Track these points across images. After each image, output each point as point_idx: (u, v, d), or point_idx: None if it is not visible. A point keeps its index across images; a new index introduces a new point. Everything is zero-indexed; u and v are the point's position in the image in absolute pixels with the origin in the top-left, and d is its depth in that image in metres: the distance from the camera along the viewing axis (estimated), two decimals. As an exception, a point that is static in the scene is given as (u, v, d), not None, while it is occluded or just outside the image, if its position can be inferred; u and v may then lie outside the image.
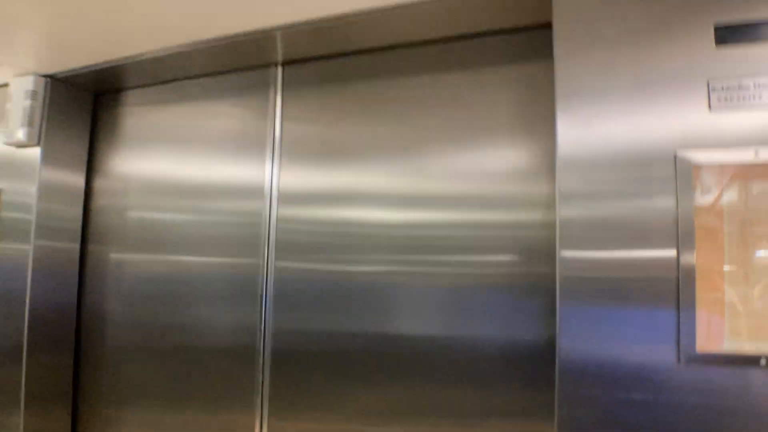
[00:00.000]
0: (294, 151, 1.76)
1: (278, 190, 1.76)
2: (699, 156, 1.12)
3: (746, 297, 1.07)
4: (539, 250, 1.44)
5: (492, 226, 1.50)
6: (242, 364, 1.75)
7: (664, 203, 1.14)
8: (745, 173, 1.10)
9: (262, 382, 1.71)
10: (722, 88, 1.12)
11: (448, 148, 1.57)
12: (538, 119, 1.47)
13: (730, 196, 1.10)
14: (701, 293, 1.10)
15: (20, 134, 1.81)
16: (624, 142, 1.18)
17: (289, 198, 1.75)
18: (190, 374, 1.84)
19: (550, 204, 1.44)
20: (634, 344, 1.14)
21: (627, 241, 1.16)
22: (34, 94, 1.83)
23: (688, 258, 1.11)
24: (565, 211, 1.20)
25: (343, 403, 1.61)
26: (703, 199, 1.12)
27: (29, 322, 1.86)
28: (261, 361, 1.72)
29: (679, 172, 1.13)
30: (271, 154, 1.78)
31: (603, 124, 1.20)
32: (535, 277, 1.44)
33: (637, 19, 1.20)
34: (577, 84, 1.23)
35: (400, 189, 1.61)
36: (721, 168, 1.11)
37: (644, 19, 1.19)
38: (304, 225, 1.72)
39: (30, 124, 1.82)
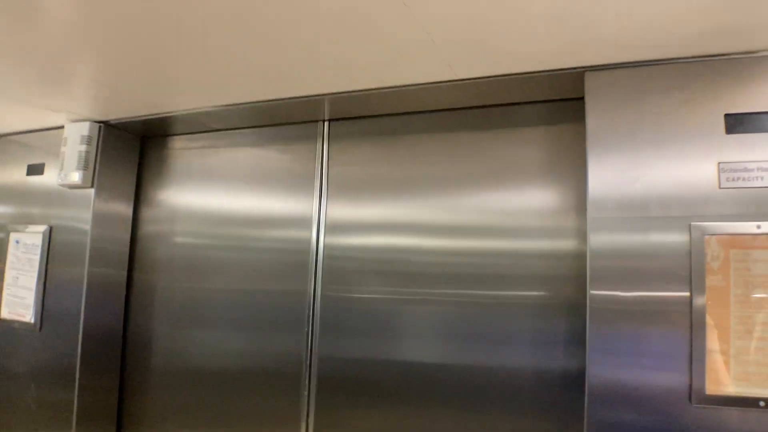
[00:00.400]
0: (340, 188, 1.92)
1: (325, 221, 1.92)
2: (710, 226, 1.32)
3: (748, 349, 1.27)
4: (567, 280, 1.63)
5: (522, 255, 1.68)
6: (288, 389, 1.89)
7: (680, 263, 1.34)
8: (749, 243, 1.30)
9: (308, 407, 1.86)
10: (730, 170, 1.32)
11: (480, 190, 1.74)
12: (563, 171, 1.66)
13: (736, 261, 1.30)
14: (711, 344, 1.30)
15: (76, 177, 1.94)
16: (646, 204, 1.37)
17: (335, 227, 1.91)
18: (236, 399, 1.98)
19: (571, 238, 1.62)
20: (654, 383, 1.33)
21: (649, 288, 1.36)
22: (89, 139, 1.96)
23: (700, 313, 1.31)
24: (594, 250, 1.40)
25: (386, 428, 1.77)
26: (713, 264, 1.32)
27: (82, 344, 1.99)
28: (307, 387, 1.87)
29: (693, 240, 1.33)
30: (319, 190, 1.93)
31: (628, 185, 1.39)
32: (564, 306, 1.62)
33: (658, 103, 1.39)
34: (606, 144, 1.42)
35: (434, 221, 1.78)
36: (729, 238, 1.31)
37: (664, 105, 1.39)
38: (348, 252, 1.87)
39: (85, 167, 1.95)
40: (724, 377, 1.29)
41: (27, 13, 1.27)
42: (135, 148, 2.18)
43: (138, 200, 2.21)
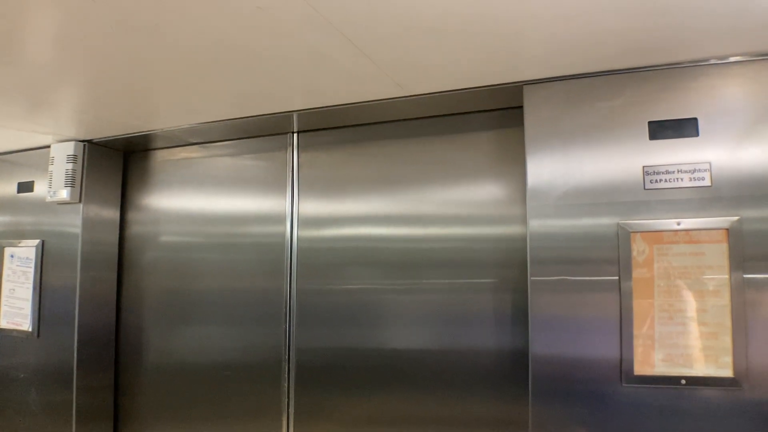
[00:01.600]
0: (309, 190, 2.07)
1: (298, 219, 2.06)
2: (635, 224, 1.47)
3: (670, 333, 1.43)
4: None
5: (474, 240, 1.84)
6: (270, 381, 2.04)
7: (610, 255, 1.49)
8: (671, 238, 1.45)
9: (288, 397, 2.02)
10: (653, 172, 1.47)
11: (436, 188, 1.90)
12: (507, 166, 1.81)
13: (659, 255, 1.46)
14: (638, 329, 1.46)
15: (64, 194, 2.08)
16: (578, 203, 1.52)
17: (307, 223, 2.06)
18: (221, 391, 2.13)
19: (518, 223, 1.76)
20: (589, 362, 1.49)
21: (583, 287, 1.51)
22: (74, 158, 2.09)
23: (628, 301, 1.46)
24: (534, 246, 1.55)
25: (363, 413, 1.92)
26: (639, 258, 1.47)
27: (78, 347, 2.14)
28: (287, 378, 2.02)
29: (621, 237, 1.48)
30: (291, 193, 2.08)
31: (562, 182, 1.54)
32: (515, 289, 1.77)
33: (588, 112, 1.54)
34: (543, 151, 1.56)
35: (395, 214, 1.94)
36: (653, 234, 1.46)
37: (594, 113, 1.53)
38: (320, 244, 2.02)
39: (72, 184, 2.08)
40: (650, 358, 1.45)
41: (8, 57, 1.40)
42: (119, 163, 2.31)
43: (124, 209, 2.35)
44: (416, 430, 1.86)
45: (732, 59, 1.43)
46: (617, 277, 1.48)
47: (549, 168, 1.56)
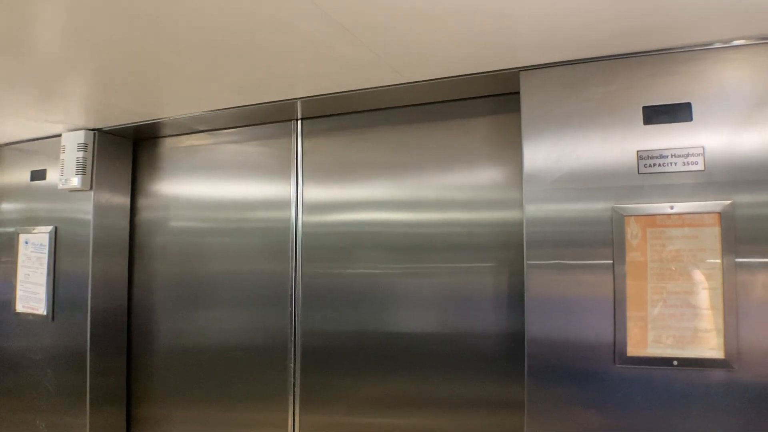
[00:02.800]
0: (313, 176, 2.11)
1: (302, 204, 2.11)
2: (629, 208, 1.49)
3: (663, 315, 1.46)
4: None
5: (473, 224, 1.87)
6: (276, 363, 2.10)
7: (604, 239, 1.51)
8: (664, 222, 1.47)
9: (294, 379, 2.07)
10: (648, 157, 1.49)
11: (436, 173, 1.93)
12: (504, 152, 1.84)
13: (653, 239, 1.48)
14: (631, 311, 1.48)
15: (75, 182, 2.14)
16: (574, 186, 1.55)
17: (311, 208, 2.10)
18: (229, 374, 2.19)
19: (515, 207, 1.78)
20: (583, 343, 1.52)
21: (579, 270, 1.54)
22: (85, 146, 2.15)
23: (622, 284, 1.49)
24: (530, 230, 1.58)
25: (368, 395, 1.97)
26: (633, 241, 1.49)
27: (91, 330, 2.21)
28: (292, 360, 2.08)
29: (615, 220, 1.50)
30: (295, 178, 2.12)
31: (557, 167, 1.56)
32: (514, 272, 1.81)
33: (584, 98, 1.56)
34: (539, 137, 1.59)
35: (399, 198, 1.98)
36: (646, 218, 1.48)
37: (589, 99, 1.55)
38: (326, 228, 2.06)
39: (83, 172, 2.14)
40: (643, 340, 1.47)
41: (19, 48, 1.45)
42: (128, 151, 2.37)
43: (134, 195, 2.42)
44: (419, 411, 1.90)
45: (726, 44, 1.44)
46: (611, 260, 1.50)
47: (545, 153, 1.58)
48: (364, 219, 2.01)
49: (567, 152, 1.56)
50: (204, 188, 2.28)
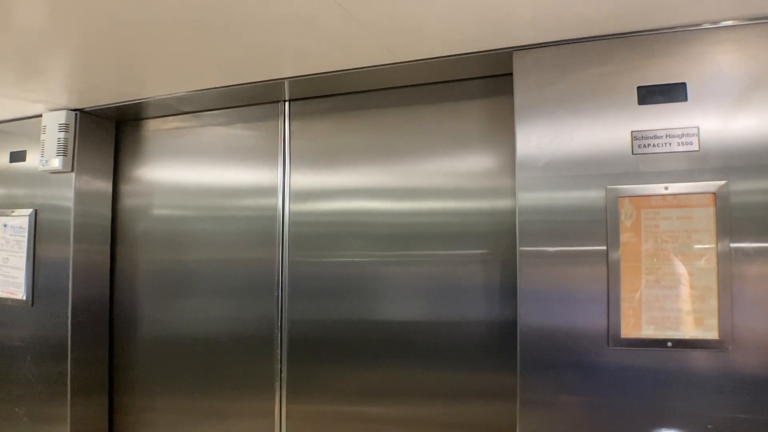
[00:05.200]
0: (301, 160, 2.06)
1: (290, 190, 2.06)
2: (623, 189, 1.48)
3: (657, 296, 1.44)
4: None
5: (462, 212, 1.85)
6: (263, 352, 2.06)
7: (598, 221, 1.50)
8: (658, 203, 1.46)
9: (281, 368, 2.04)
10: (642, 137, 1.47)
11: (428, 157, 1.90)
12: (497, 135, 1.81)
13: (647, 219, 1.46)
14: (625, 293, 1.47)
15: (56, 163, 2.08)
16: (567, 168, 1.53)
17: (299, 195, 2.05)
18: (214, 363, 2.15)
19: (507, 191, 1.76)
20: (576, 328, 1.51)
21: (571, 242, 1.52)
22: (66, 127, 2.09)
23: (615, 265, 1.47)
24: (522, 207, 1.56)
25: (356, 385, 1.94)
26: (627, 222, 1.48)
27: (72, 317, 2.15)
28: (279, 348, 2.04)
29: (608, 201, 1.49)
30: (282, 162, 2.08)
31: (552, 147, 1.54)
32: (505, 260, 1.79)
33: (578, 78, 1.54)
34: (532, 116, 1.57)
35: (387, 186, 1.94)
36: (640, 198, 1.47)
37: (584, 79, 1.53)
38: (311, 217, 2.02)
39: (64, 153, 2.08)
40: (636, 322, 1.46)
41: (-3, 19, 1.40)
42: (111, 132, 2.31)
43: (116, 179, 2.35)
44: (409, 401, 1.88)
45: (722, 24, 1.42)
46: (605, 242, 1.49)
47: (538, 135, 1.56)
48: (353, 207, 1.98)
49: (561, 134, 1.54)
50: (188, 173, 2.23)
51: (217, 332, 2.14)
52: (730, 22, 1.42)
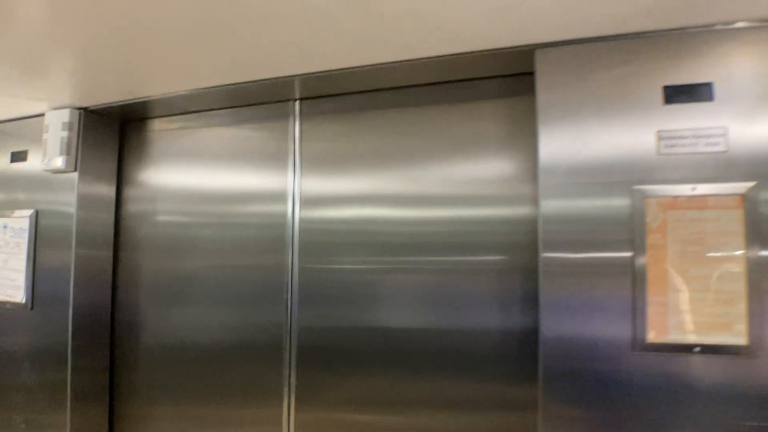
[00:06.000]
0: (313, 163, 2.01)
1: (300, 195, 2.01)
2: (649, 190, 1.44)
3: (684, 300, 1.40)
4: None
5: (484, 222, 1.80)
6: (271, 360, 2.01)
7: (623, 225, 1.46)
8: (685, 204, 1.42)
9: (290, 377, 1.98)
10: (668, 137, 1.44)
11: (444, 161, 1.85)
12: (520, 141, 1.77)
13: (673, 221, 1.43)
14: (651, 297, 1.43)
15: (59, 162, 2.02)
16: (591, 171, 1.49)
17: (309, 201, 2.00)
18: (222, 371, 2.09)
19: (527, 204, 1.73)
20: (600, 335, 1.46)
21: (596, 249, 1.48)
22: (70, 126, 2.03)
23: (641, 269, 1.43)
24: (545, 216, 1.52)
25: (368, 394, 1.89)
26: (653, 224, 1.44)
27: (73, 323, 2.08)
28: (288, 357, 1.99)
29: (634, 203, 1.45)
30: (293, 165, 2.03)
31: (575, 154, 1.50)
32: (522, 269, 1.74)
33: (602, 77, 1.50)
34: (555, 117, 1.53)
35: (402, 192, 1.89)
36: (667, 200, 1.43)
37: (608, 78, 1.50)
38: (323, 224, 1.97)
39: (68, 152, 2.02)
40: (663, 327, 1.42)
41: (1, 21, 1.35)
42: (115, 132, 2.25)
43: (120, 182, 2.29)
44: (422, 411, 1.82)
45: (750, 24, 1.40)
46: (631, 245, 1.44)
47: (561, 135, 1.52)
48: (365, 214, 1.93)
49: (585, 134, 1.50)
50: (194, 176, 2.18)
51: (224, 340, 2.08)
52: (758, 23, 1.39)
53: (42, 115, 2.13)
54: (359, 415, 1.89)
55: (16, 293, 2.14)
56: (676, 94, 1.45)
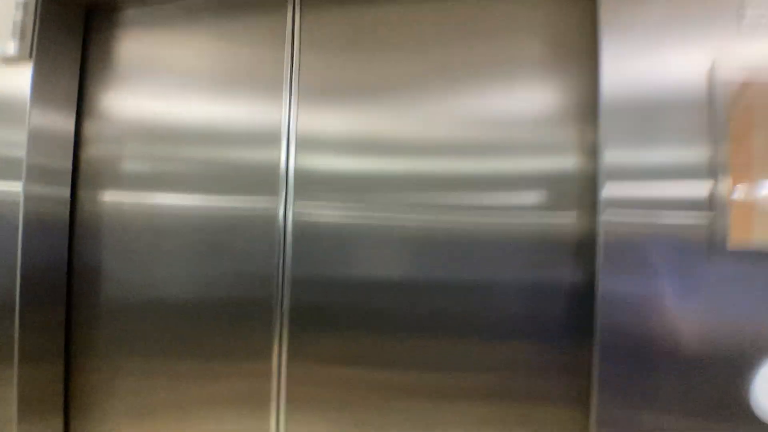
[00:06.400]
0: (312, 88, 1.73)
1: (296, 128, 1.73)
2: (732, 73, 1.25)
3: (771, 197, 1.22)
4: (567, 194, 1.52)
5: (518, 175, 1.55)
6: (259, 316, 1.71)
7: (699, 112, 1.27)
8: (771, 90, 1.24)
9: (280, 334, 1.69)
10: (755, 16, 1.26)
11: (475, 87, 1.59)
12: (571, 54, 1.52)
13: (760, 107, 1.24)
14: (732, 195, 1.24)
15: (11, 46, 1.66)
16: (670, 75, 1.29)
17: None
18: (202, 328, 1.77)
19: (580, 152, 1.51)
20: (672, 235, 1.27)
21: (665, 139, 1.28)
22: (25, 6, 1.68)
23: (721, 160, 1.24)
24: (609, 153, 1.31)
25: (369, 355, 1.63)
26: (736, 111, 1.25)
27: (21, 276, 1.73)
28: (279, 312, 1.69)
29: (716, 87, 1.26)
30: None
31: (651, 62, 1.30)
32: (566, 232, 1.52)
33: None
34: (623, 20, 1.32)
35: (417, 131, 1.62)
36: (753, 84, 1.25)
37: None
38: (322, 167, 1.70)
39: (21, 36, 1.67)
40: (747, 228, 1.23)
41: None
42: (78, 22, 1.87)
43: (83, 93, 1.92)
44: (435, 374, 1.59)
45: None
46: (708, 132, 1.26)
47: (630, 44, 1.31)
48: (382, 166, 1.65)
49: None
50: (172, 90, 1.83)
51: (204, 294, 1.76)
52: None
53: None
54: (353, 372, 1.64)
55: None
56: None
